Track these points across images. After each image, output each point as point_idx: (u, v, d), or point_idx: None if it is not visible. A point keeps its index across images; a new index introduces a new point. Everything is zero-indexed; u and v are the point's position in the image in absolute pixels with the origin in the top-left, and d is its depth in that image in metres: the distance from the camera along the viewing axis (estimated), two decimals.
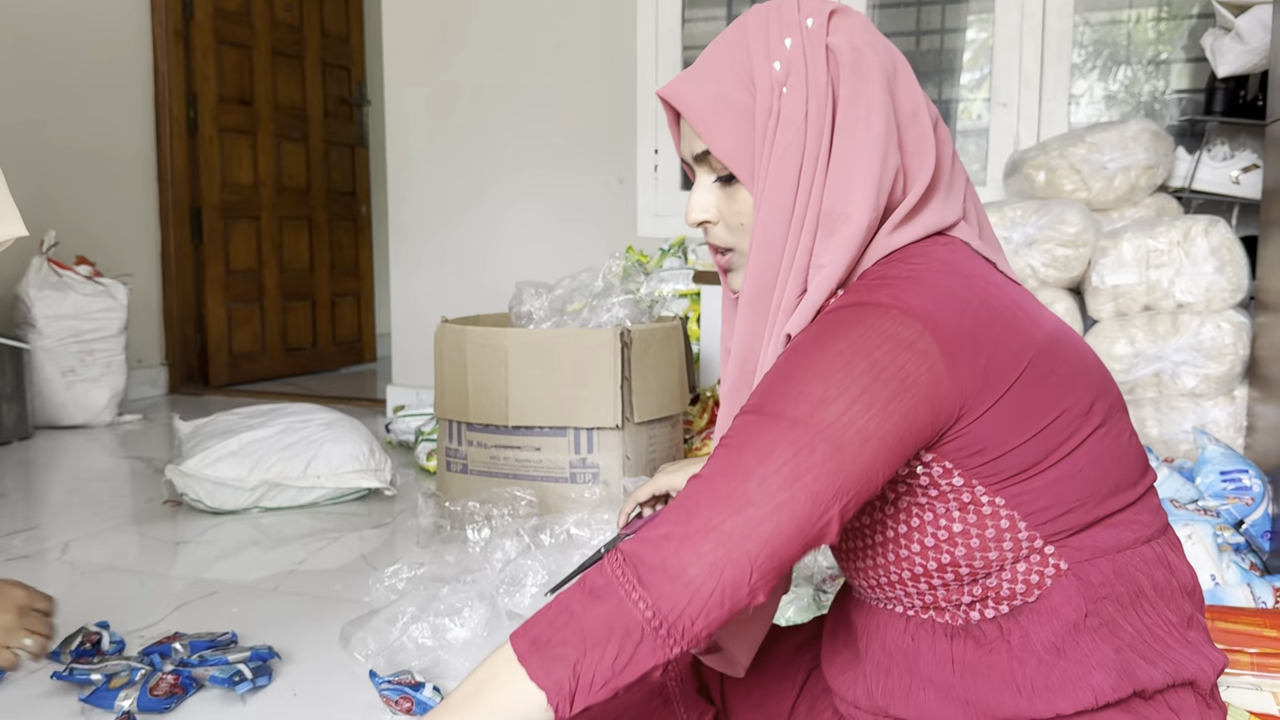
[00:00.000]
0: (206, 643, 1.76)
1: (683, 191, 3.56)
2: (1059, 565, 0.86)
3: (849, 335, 0.81)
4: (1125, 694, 0.84)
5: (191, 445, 2.78)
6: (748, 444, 0.80)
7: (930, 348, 0.80)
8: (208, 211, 4.61)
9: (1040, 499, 0.84)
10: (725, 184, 0.94)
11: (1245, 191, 2.64)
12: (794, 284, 0.89)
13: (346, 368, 5.42)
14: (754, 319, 0.92)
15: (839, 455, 0.78)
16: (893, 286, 0.84)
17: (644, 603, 0.78)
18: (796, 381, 0.81)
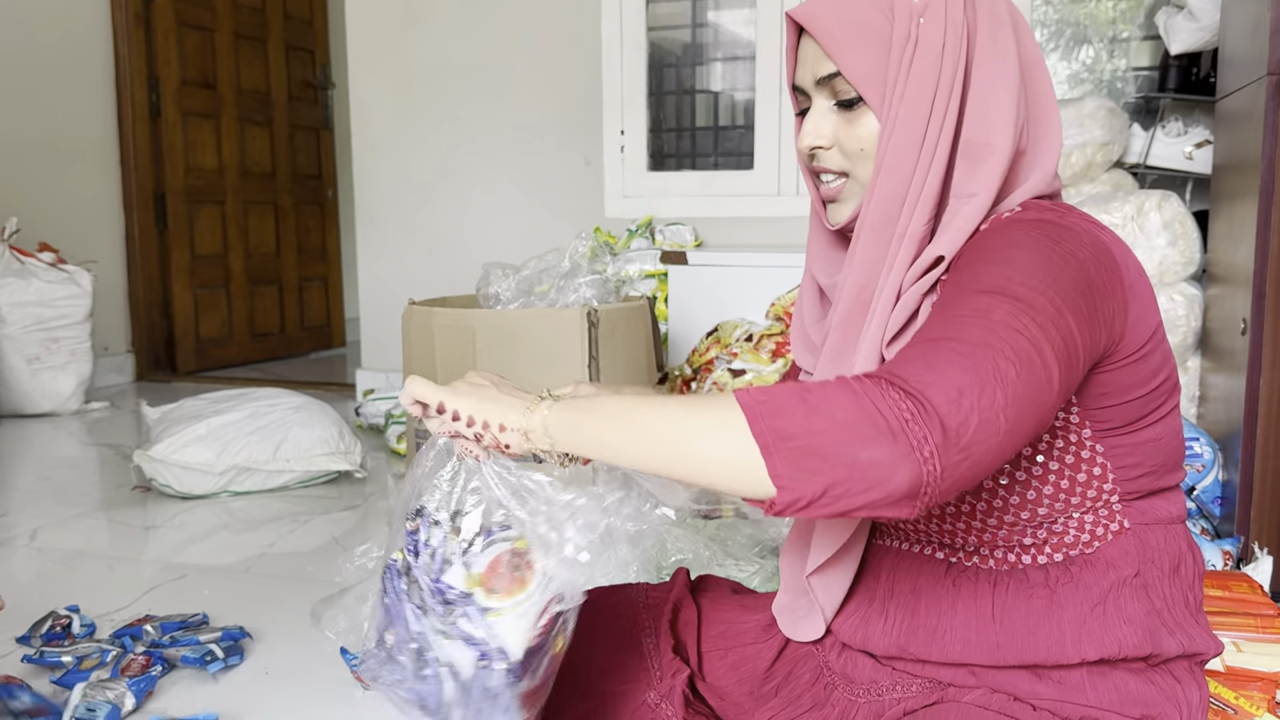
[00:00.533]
0: (177, 624, 1.78)
1: (650, 173, 3.58)
2: (1123, 523, 0.91)
3: (1046, 237, 0.83)
4: (1144, 653, 0.89)
5: (159, 431, 2.78)
6: (970, 309, 0.78)
7: (1115, 270, 0.85)
8: (172, 196, 4.58)
9: (1131, 455, 0.90)
10: (846, 109, 0.93)
11: (1198, 167, 2.69)
12: (922, 211, 0.89)
13: (315, 353, 5.40)
14: (876, 245, 0.91)
15: (1072, 363, 0.79)
16: (1063, 212, 0.87)
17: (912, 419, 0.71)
18: (1007, 268, 0.80)
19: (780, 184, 3.40)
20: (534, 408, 0.86)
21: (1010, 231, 0.85)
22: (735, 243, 3.44)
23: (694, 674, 1.14)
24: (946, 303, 0.82)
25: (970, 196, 0.89)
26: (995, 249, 0.84)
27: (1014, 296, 0.78)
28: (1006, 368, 0.74)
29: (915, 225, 0.90)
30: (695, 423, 0.77)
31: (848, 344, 0.94)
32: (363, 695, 1.61)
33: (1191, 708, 0.92)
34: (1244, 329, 1.94)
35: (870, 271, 0.92)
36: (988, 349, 0.75)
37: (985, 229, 0.89)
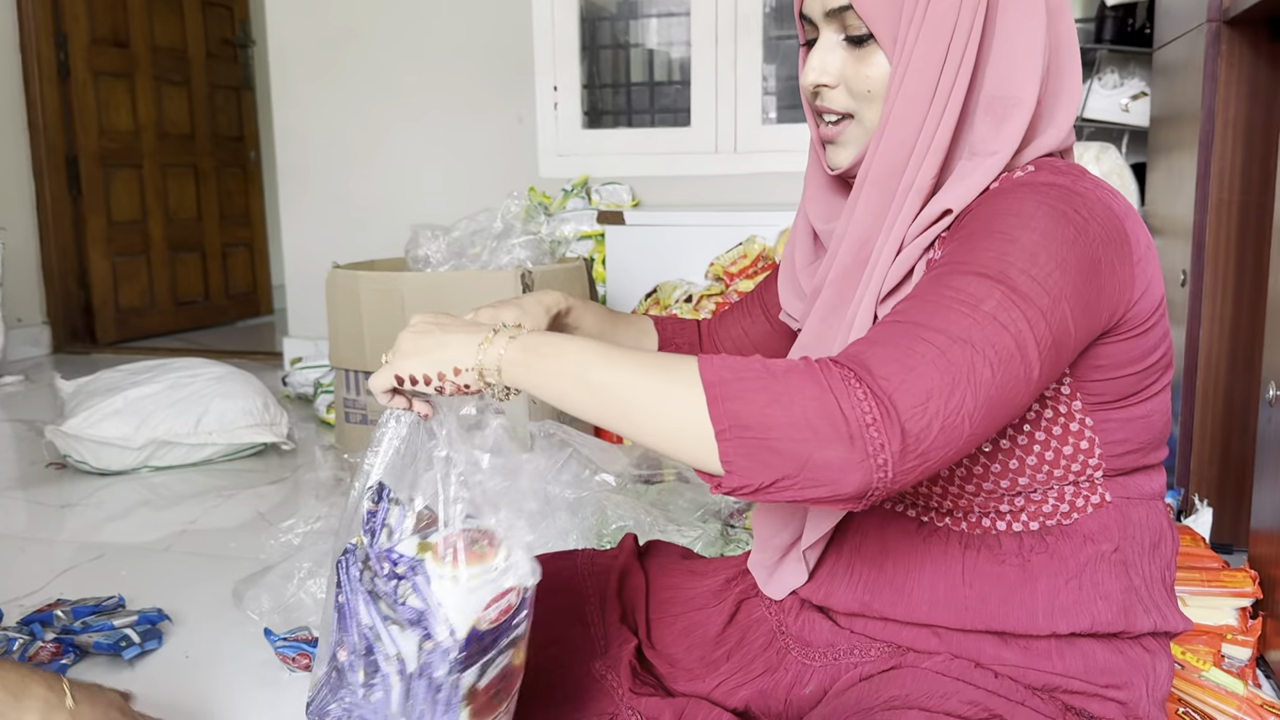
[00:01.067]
0: (90, 608, 1.68)
1: (585, 130, 3.49)
2: (1104, 496, 0.88)
3: (1057, 210, 0.78)
4: (1117, 629, 0.87)
5: (74, 405, 2.65)
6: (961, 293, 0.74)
7: (1125, 244, 0.80)
8: (85, 160, 4.38)
9: (1120, 431, 0.86)
10: (856, 45, 0.87)
11: (1134, 119, 2.68)
12: (930, 164, 0.84)
13: (241, 321, 5.24)
14: (879, 199, 0.86)
15: (1060, 355, 0.76)
16: (1077, 175, 0.82)
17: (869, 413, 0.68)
18: (1011, 246, 0.76)
19: (718, 141, 3.33)
20: (487, 343, 0.81)
21: (1021, 199, 0.79)
22: (673, 202, 3.37)
23: (642, 642, 1.09)
24: (941, 273, 0.77)
25: (991, 155, 0.84)
26: (1002, 219, 0.78)
27: (1010, 286, 0.74)
28: (983, 369, 0.71)
29: (922, 179, 0.84)
30: (653, 391, 0.73)
31: (844, 300, 0.89)
32: (288, 678, 1.53)
33: (1159, 678, 0.91)
34: (1184, 280, 1.93)
35: (872, 227, 0.86)
36: (967, 347, 0.71)
37: (995, 188, 0.83)
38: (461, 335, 0.83)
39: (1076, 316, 0.76)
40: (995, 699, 0.86)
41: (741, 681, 1.03)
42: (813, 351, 0.91)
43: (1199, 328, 1.89)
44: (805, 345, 0.93)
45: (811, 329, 0.92)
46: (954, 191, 0.84)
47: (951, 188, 0.84)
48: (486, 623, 0.83)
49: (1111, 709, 0.88)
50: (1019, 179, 0.83)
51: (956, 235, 0.82)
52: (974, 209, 0.82)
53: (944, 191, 0.85)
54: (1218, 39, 1.82)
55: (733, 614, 1.08)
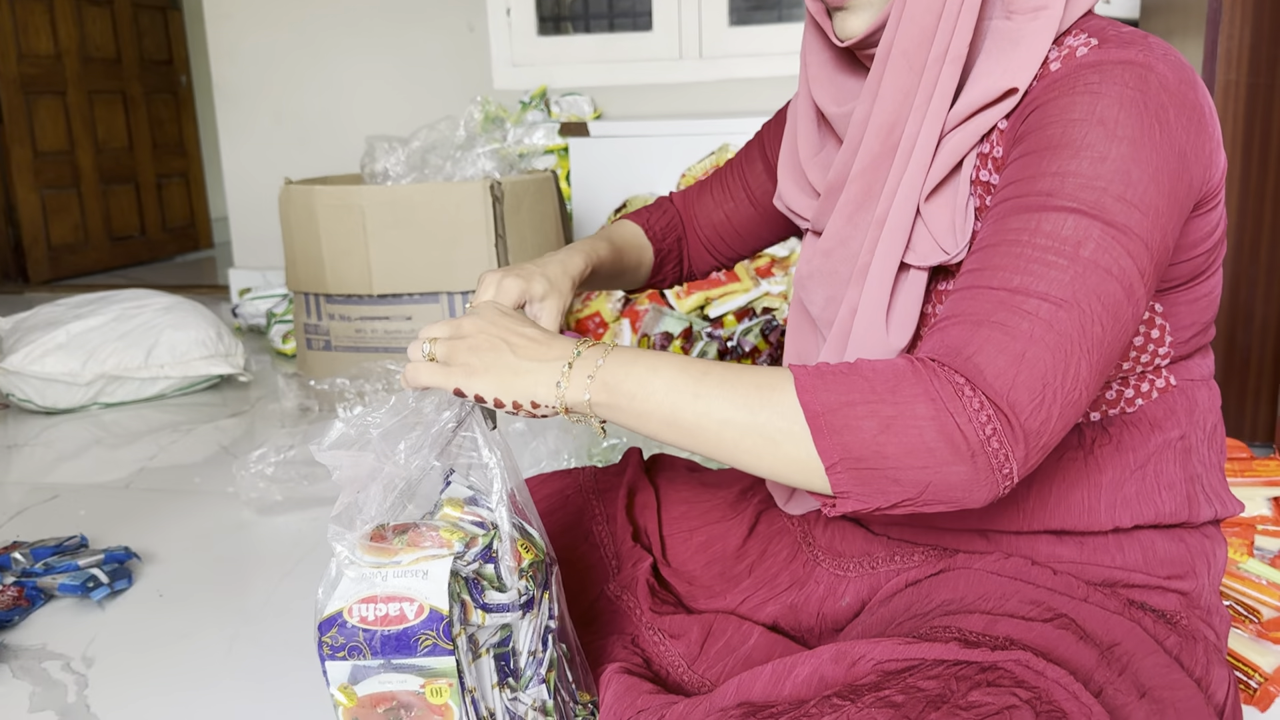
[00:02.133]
0: (51, 549, 1.56)
1: (540, 38, 3.32)
2: (1169, 380, 0.82)
3: (1140, 110, 0.69)
4: (1180, 520, 0.82)
5: (13, 341, 2.49)
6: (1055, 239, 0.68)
7: (1204, 123, 0.72)
8: (5, 87, 4.11)
9: (1189, 314, 0.80)
10: None
11: (1116, 10, 2.61)
12: (965, 25, 0.74)
13: (181, 256, 5.03)
14: (909, 73, 0.76)
15: (1160, 272, 0.70)
16: (1142, 46, 0.72)
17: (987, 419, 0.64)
18: (1100, 166, 0.68)
19: (682, 46, 3.19)
20: (567, 381, 0.73)
21: (1098, 96, 0.70)
22: (638, 112, 3.24)
23: (658, 560, 1.01)
24: (1026, 205, 0.69)
25: (1038, 11, 0.74)
26: (1083, 127, 0.69)
27: (1108, 221, 0.67)
28: (1094, 329, 0.66)
29: (957, 44, 0.74)
30: (752, 428, 0.68)
31: (871, 194, 0.79)
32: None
33: (1218, 563, 0.87)
34: None
35: (902, 107, 0.76)
36: (1075, 309, 0.66)
37: (1058, 72, 0.72)
38: (538, 365, 0.75)
39: (1174, 225, 0.70)
40: (1057, 597, 0.80)
41: (767, 597, 0.96)
42: (835, 256, 0.83)
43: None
44: (828, 249, 0.84)
45: (836, 230, 0.83)
46: (1009, 63, 0.74)
47: (1001, 57, 0.74)
48: (355, 618, 0.73)
49: (1173, 600, 0.83)
50: (1085, 59, 0.72)
51: (1024, 140, 0.72)
52: (1040, 102, 0.72)
53: (990, 61, 0.75)
54: None
55: (753, 525, 1.02)
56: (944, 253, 0.77)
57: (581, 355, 0.74)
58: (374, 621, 0.73)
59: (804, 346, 0.92)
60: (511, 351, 0.76)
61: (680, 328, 2.44)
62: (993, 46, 0.75)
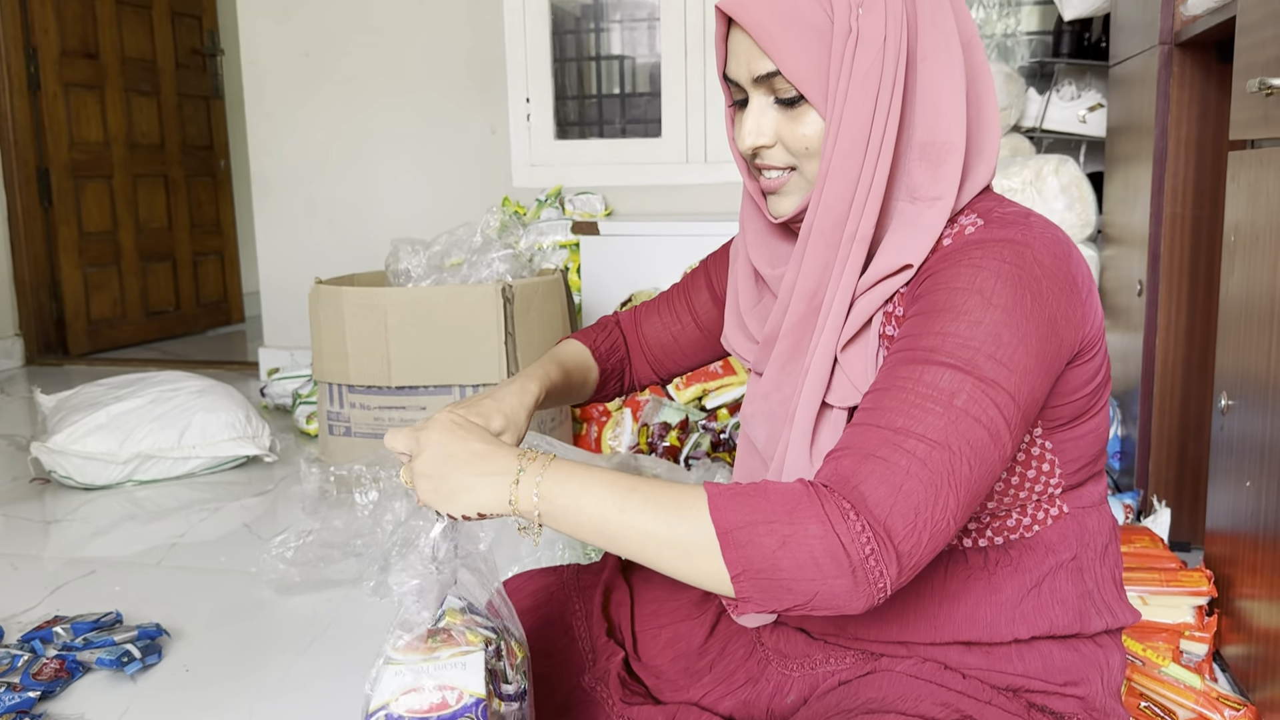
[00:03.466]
0: (90, 624, 1.72)
1: (558, 141, 3.54)
2: (1062, 509, 0.93)
3: (1015, 279, 0.81)
4: (1073, 631, 0.93)
5: (56, 420, 2.67)
6: (933, 389, 0.79)
7: (1076, 293, 0.84)
8: (56, 172, 4.37)
9: (1075, 448, 0.92)
10: (788, 106, 0.88)
11: (1091, 130, 2.78)
12: (870, 212, 0.86)
13: (213, 330, 5.24)
14: (826, 249, 0.89)
15: (1028, 422, 0.82)
16: (1023, 226, 0.84)
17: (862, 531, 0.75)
18: (976, 330, 0.80)
19: (689, 152, 3.40)
20: (515, 494, 0.84)
21: (979, 268, 0.82)
22: (646, 211, 3.43)
23: (629, 654, 1.14)
24: (911, 358, 0.81)
25: (934, 200, 0.87)
26: (964, 296, 0.81)
27: (979, 376, 0.79)
28: (962, 468, 0.77)
29: (865, 226, 0.87)
30: (668, 540, 0.79)
31: (800, 348, 0.93)
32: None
33: (1113, 670, 0.97)
34: (1140, 290, 2.02)
35: (821, 277, 0.90)
36: (945, 451, 0.77)
37: (949, 247, 0.86)
38: (485, 480, 0.85)
39: (1041, 381, 0.82)
40: (965, 699, 0.92)
41: (725, 692, 1.07)
42: (773, 399, 0.95)
43: (1155, 335, 1.98)
44: (766, 393, 0.96)
45: (771, 377, 0.95)
46: (907, 242, 0.87)
47: (902, 236, 0.87)
48: (402, 708, 0.85)
49: (1071, 704, 0.94)
50: (971, 237, 0.85)
51: (917, 302, 0.85)
52: (933, 271, 0.85)
53: (895, 238, 0.88)
54: (1170, 60, 1.91)
55: (714, 625, 1.12)
56: (859, 394, 0.89)
57: (525, 471, 0.84)
58: (421, 710, 0.85)
59: (752, 474, 1.04)
60: (460, 469, 0.86)
61: (678, 418, 2.60)
62: (898, 225, 0.88)
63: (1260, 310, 1.39)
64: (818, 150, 0.88)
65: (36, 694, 1.49)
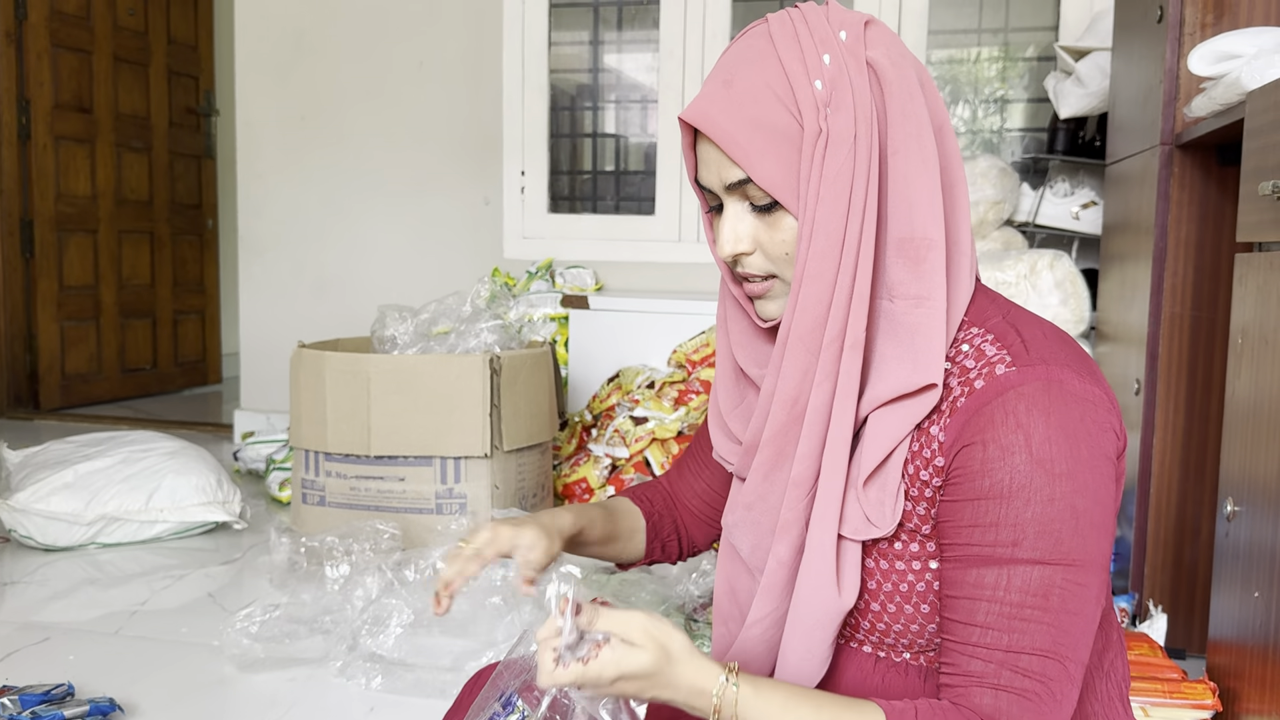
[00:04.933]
0: (39, 696, 1.63)
1: (551, 215, 3.54)
2: None
3: (1064, 435, 0.79)
4: None
5: (21, 477, 2.59)
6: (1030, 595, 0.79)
7: (1119, 424, 0.83)
8: (40, 224, 4.33)
9: None
10: (764, 212, 0.85)
11: (1084, 227, 2.79)
12: (858, 315, 0.82)
13: (189, 389, 5.16)
14: (805, 354, 0.84)
15: (1103, 557, 0.81)
16: (1048, 356, 0.81)
17: None
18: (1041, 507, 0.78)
19: (681, 230, 3.39)
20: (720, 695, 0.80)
21: (1029, 435, 0.79)
22: (636, 288, 3.41)
23: None
24: (987, 558, 0.80)
25: (920, 299, 0.83)
26: (1024, 472, 0.79)
27: (1068, 562, 0.78)
28: (1075, 668, 0.79)
29: (854, 331, 0.83)
30: None
31: (783, 456, 0.87)
32: None
33: None
34: (1138, 389, 1.99)
35: (802, 384, 0.85)
36: (1057, 662, 0.78)
37: (984, 392, 0.81)
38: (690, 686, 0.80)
39: (1115, 514, 0.82)
40: None
41: None
42: (757, 510, 0.91)
43: (1152, 436, 1.95)
44: (749, 503, 0.91)
45: (755, 486, 0.90)
46: (911, 353, 0.82)
47: (901, 346, 0.83)
48: None
49: None
50: (1005, 380, 0.80)
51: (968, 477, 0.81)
52: (972, 440, 0.80)
53: (892, 347, 0.83)
54: (1170, 161, 1.92)
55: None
56: (875, 529, 0.84)
57: (725, 699, 0.80)
58: None
59: (736, 581, 0.98)
60: (661, 676, 0.80)
61: None
62: (887, 328, 0.84)
63: (1269, 414, 1.36)
64: (794, 255, 0.85)
65: None
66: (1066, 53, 2.69)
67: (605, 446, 2.83)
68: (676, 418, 2.86)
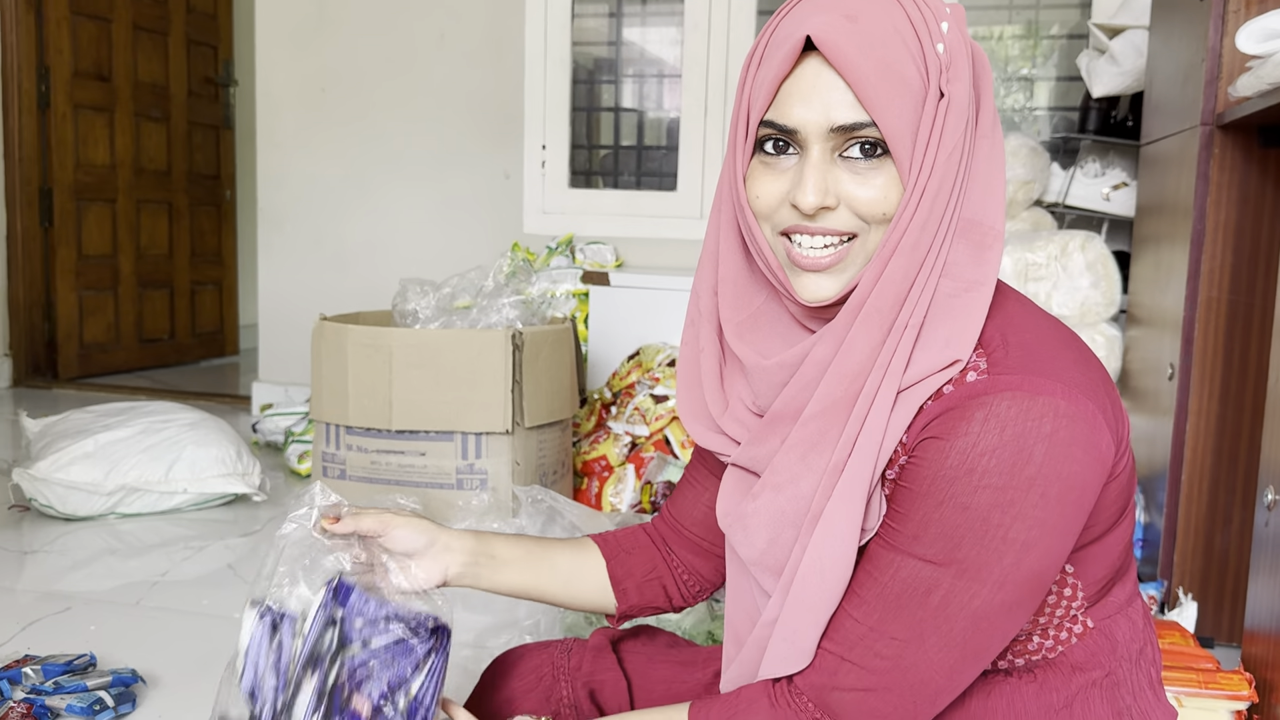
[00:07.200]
0: (62, 666, 1.63)
1: (571, 190, 3.51)
2: (1086, 624, 0.85)
3: (1009, 449, 0.74)
4: None
5: (41, 446, 2.58)
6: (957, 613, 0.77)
7: (1105, 442, 0.76)
8: (59, 193, 4.32)
9: (1098, 564, 0.84)
10: (862, 161, 0.77)
11: (1115, 208, 2.74)
12: (925, 297, 0.78)
13: (206, 360, 5.15)
14: (879, 330, 0.78)
15: (1038, 589, 0.78)
16: (1030, 367, 0.76)
17: None
18: (953, 513, 0.75)
19: (703, 207, 3.36)
20: None
21: (974, 442, 0.74)
22: (657, 264, 3.39)
23: None
24: (890, 545, 0.78)
25: (973, 284, 0.79)
26: (950, 475, 0.75)
27: (961, 568, 0.76)
28: (939, 664, 0.78)
29: (919, 313, 0.78)
30: None
31: (828, 437, 0.80)
32: None
33: None
34: (1171, 374, 1.96)
35: (868, 360, 0.78)
36: (916, 655, 0.78)
37: (951, 397, 0.77)
38: None
39: (1056, 542, 0.77)
40: None
41: None
42: (786, 493, 0.82)
43: (1185, 421, 1.92)
44: (778, 484, 0.83)
45: (787, 466, 0.82)
46: (951, 332, 0.78)
47: (943, 327, 0.79)
48: None
49: None
50: (974, 387, 0.76)
51: (909, 469, 0.78)
52: (929, 435, 0.77)
53: (935, 328, 0.79)
54: (1210, 142, 1.87)
55: None
56: (866, 532, 0.80)
57: None
58: None
59: (747, 603, 0.91)
60: None
61: None
62: (936, 309, 0.79)
63: None
64: (890, 217, 0.78)
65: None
66: (1100, 30, 2.64)
67: (625, 424, 2.81)
68: None
